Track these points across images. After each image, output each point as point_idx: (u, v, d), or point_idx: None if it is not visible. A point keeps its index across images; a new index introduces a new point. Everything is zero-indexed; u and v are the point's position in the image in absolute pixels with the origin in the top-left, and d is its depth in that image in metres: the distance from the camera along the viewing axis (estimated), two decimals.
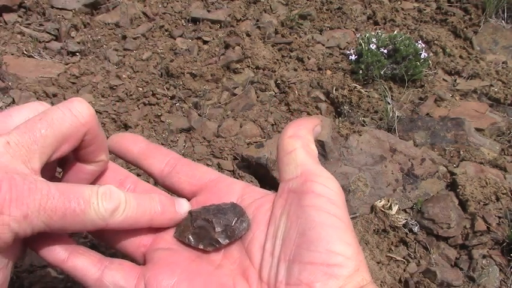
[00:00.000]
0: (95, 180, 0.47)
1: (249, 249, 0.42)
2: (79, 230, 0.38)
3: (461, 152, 1.89)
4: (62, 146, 0.38)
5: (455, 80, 2.42)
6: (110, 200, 0.38)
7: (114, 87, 2.08)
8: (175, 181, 0.47)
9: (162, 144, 1.87)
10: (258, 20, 2.64)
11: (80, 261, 0.40)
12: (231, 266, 0.42)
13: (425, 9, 2.91)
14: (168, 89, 2.13)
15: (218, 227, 0.42)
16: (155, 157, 0.47)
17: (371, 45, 2.28)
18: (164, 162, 0.47)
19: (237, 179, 1.80)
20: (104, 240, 0.46)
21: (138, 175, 1.49)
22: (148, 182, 0.51)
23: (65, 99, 1.98)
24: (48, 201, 0.35)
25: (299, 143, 0.43)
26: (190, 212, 0.45)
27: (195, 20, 2.57)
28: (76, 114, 0.38)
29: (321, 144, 1.73)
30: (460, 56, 2.56)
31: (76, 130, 0.38)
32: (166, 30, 2.49)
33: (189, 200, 0.48)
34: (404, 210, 1.69)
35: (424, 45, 2.40)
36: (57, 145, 0.37)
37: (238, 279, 0.40)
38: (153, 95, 2.07)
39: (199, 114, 2.03)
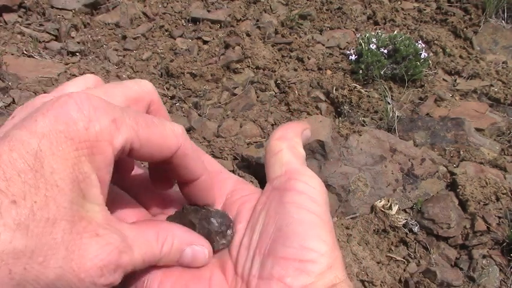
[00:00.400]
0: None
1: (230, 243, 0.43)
2: (160, 147, 0.37)
3: (461, 152, 1.89)
4: (130, 106, 0.40)
5: (455, 80, 2.43)
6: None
7: None
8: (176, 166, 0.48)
9: None
10: (258, 20, 2.64)
11: None
12: (212, 259, 0.42)
13: (425, 9, 2.91)
14: (168, 89, 2.13)
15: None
16: None
17: (371, 45, 2.28)
18: None
19: None
20: None
21: None
22: None
23: None
24: (128, 111, 0.36)
25: (285, 145, 0.44)
26: (183, 206, 0.45)
27: (195, 20, 2.57)
28: (140, 83, 0.42)
29: (320, 144, 1.73)
30: (460, 56, 2.56)
31: (141, 95, 0.41)
32: (166, 30, 2.49)
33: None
34: (404, 210, 1.69)
35: (424, 45, 2.40)
36: (126, 103, 0.39)
37: (216, 272, 0.41)
38: None
39: (199, 114, 2.03)
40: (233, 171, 1.79)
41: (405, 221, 1.63)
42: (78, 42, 2.33)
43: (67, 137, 0.32)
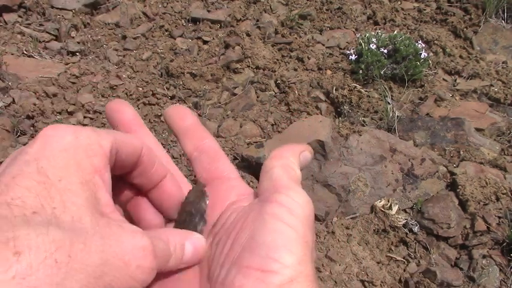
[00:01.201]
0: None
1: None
2: (133, 147, 0.40)
3: (461, 152, 1.89)
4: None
5: (455, 80, 2.43)
6: None
7: (114, 87, 2.08)
8: (196, 168, 0.49)
9: (162, 144, 1.88)
10: (258, 20, 2.64)
11: None
12: (195, 266, 0.43)
13: (425, 9, 2.91)
14: (168, 89, 2.13)
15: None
16: (191, 138, 0.50)
17: (371, 45, 2.28)
18: (196, 146, 0.49)
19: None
20: None
21: None
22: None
23: (65, 99, 1.99)
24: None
25: (279, 163, 0.43)
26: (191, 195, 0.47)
27: (195, 20, 2.57)
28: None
29: (320, 144, 1.73)
30: (460, 56, 2.56)
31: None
32: (166, 30, 2.49)
33: None
34: (404, 210, 1.69)
35: (424, 45, 2.40)
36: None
37: (193, 278, 0.42)
38: (153, 95, 2.07)
39: (199, 114, 2.03)
40: None
41: (405, 221, 1.63)
42: (78, 42, 2.33)
43: (61, 150, 0.34)
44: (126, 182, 0.45)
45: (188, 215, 0.44)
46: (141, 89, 2.08)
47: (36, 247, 0.29)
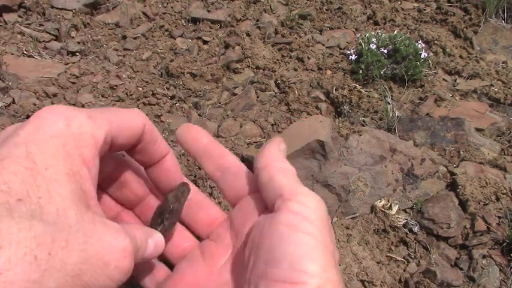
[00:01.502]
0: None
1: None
2: (131, 127, 0.40)
3: (461, 152, 1.89)
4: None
5: (455, 80, 2.43)
6: None
7: (114, 87, 2.08)
8: (222, 187, 0.49)
9: None
10: (258, 20, 2.64)
11: None
12: (222, 283, 0.44)
13: (425, 9, 2.91)
14: (168, 89, 2.13)
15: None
16: (211, 158, 0.49)
17: (371, 45, 2.28)
18: (216, 166, 0.49)
19: None
20: None
21: None
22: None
23: (65, 99, 1.98)
24: (95, 109, 0.39)
25: (274, 168, 0.44)
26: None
27: (195, 20, 2.57)
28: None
29: (320, 144, 1.73)
30: (460, 56, 2.56)
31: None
32: (166, 30, 2.49)
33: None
34: (404, 210, 1.69)
35: (424, 45, 2.40)
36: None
37: None
38: (153, 95, 2.07)
39: (199, 114, 2.03)
40: None
41: (405, 221, 1.63)
42: (78, 42, 2.33)
43: (52, 136, 0.34)
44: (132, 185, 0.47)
45: (154, 215, 0.46)
46: (141, 89, 2.08)
47: (17, 242, 0.28)
